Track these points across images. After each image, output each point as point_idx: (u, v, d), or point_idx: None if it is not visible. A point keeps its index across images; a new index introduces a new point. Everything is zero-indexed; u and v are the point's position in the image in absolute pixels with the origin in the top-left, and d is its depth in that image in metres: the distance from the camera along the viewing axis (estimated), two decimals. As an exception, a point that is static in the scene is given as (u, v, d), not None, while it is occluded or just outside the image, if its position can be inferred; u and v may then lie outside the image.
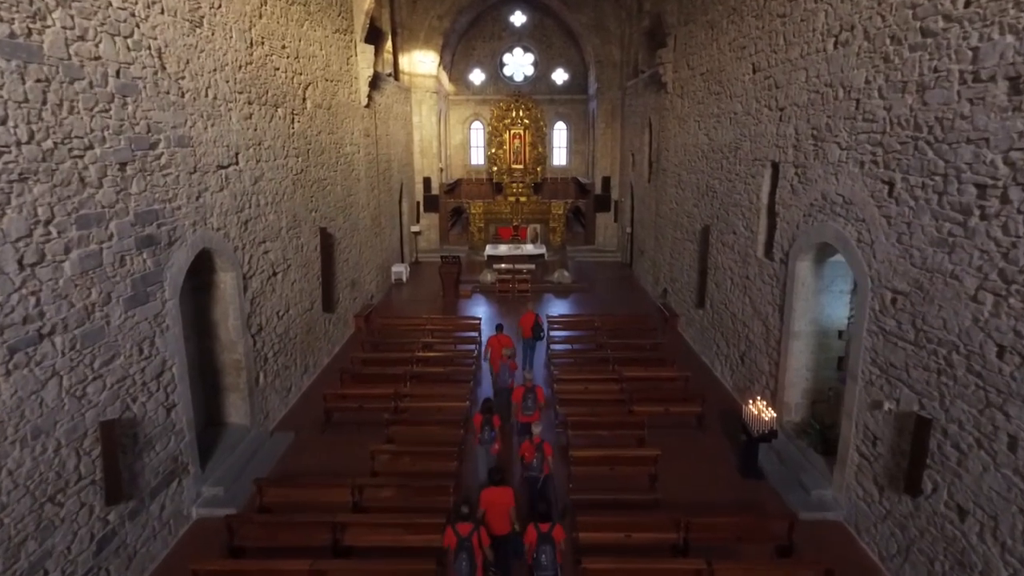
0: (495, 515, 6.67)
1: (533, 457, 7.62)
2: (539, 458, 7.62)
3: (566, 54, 29.78)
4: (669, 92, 16.59)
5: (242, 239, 9.53)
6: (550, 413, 10.46)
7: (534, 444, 7.65)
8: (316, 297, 12.96)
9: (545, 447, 7.69)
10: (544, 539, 5.98)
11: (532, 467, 7.64)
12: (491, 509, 6.67)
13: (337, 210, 14.59)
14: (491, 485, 6.81)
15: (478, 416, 8.48)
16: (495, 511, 6.67)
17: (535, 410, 9.08)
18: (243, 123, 9.60)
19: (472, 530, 6.01)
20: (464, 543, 5.93)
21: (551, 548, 5.98)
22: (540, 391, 9.33)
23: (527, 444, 7.72)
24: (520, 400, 9.19)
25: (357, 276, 16.34)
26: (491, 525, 6.64)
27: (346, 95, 15.37)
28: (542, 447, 7.66)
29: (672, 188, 16.53)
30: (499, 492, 6.74)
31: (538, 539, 5.99)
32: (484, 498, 6.70)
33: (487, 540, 6.14)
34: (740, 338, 11.49)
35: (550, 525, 6.06)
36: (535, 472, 7.65)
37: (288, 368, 11.41)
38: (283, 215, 11.20)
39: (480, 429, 8.36)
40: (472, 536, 5.97)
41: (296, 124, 11.91)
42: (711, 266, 13.15)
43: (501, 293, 19.07)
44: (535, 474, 7.66)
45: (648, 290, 19.52)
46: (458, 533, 5.99)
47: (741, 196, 11.45)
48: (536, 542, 5.99)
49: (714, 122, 12.97)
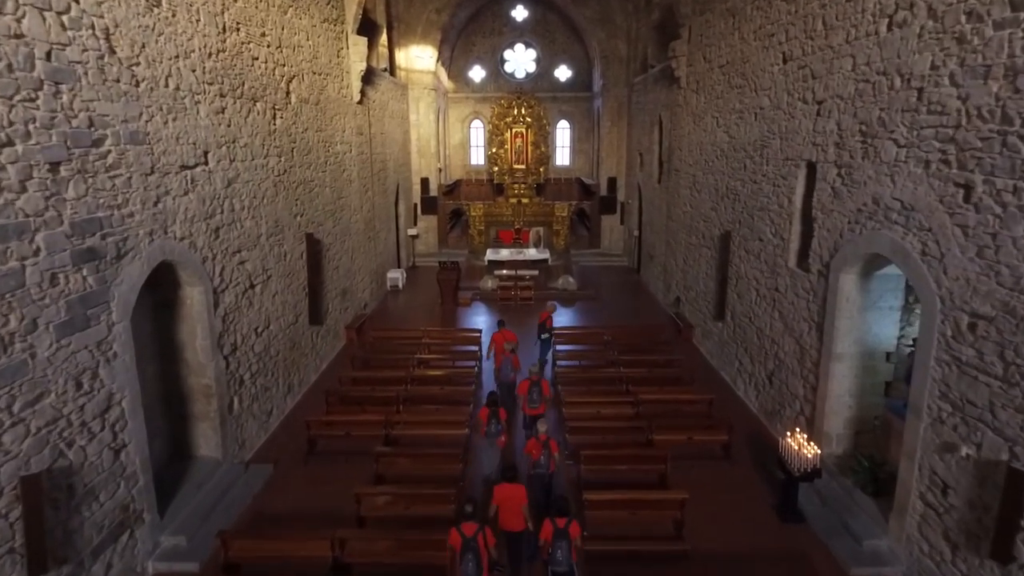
0: (508, 512, 6.57)
1: (540, 454, 7.57)
2: (546, 455, 7.57)
3: (569, 50, 28.69)
4: (682, 87, 15.50)
5: (212, 248, 8.44)
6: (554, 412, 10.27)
7: (540, 441, 7.60)
8: (302, 309, 11.88)
9: (551, 444, 7.62)
10: (560, 534, 5.95)
11: (539, 464, 7.60)
12: (504, 505, 6.57)
13: (326, 214, 13.50)
14: (503, 481, 6.68)
15: (484, 409, 8.47)
16: (508, 507, 6.56)
17: (541, 403, 9.15)
18: (213, 118, 8.52)
19: (477, 530, 5.87)
20: (470, 543, 5.80)
21: (567, 544, 5.95)
22: (545, 384, 9.32)
23: (533, 441, 7.69)
24: (526, 393, 9.20)
25: (349, 284, 15.26)
26: (504, 522, 6.58)
27: (336, 90, 14.29)
28: (548, 444, 7.59)
29: (686, 190, 15.45)
30: (512, 488, 6.61)
31: (554, 534, 5.95)
32: (497, 494, 6.61)
33: (492, 540, 5.99)
34: (768, 356, 10.40)
35: (566, 520, 6.01)
36: (542, 469, 7.61)
37: (268, 390, 10.32)
38: (262, 220, 10.12)
39: (486, 422, 8.36)
40: (478, 536, 5.84)
41: (278, 120, 10.83)
42: (732, 275, 12.07)
43: (503, 301, 17.98)
44: (542, 471, 7.62)
45: (659, 298, 18.43)
46: (463, 533, 5.85)
47: (769, 199, 10.37)
48: (552, 537, 5.96)
49: (736, 118, 11.89)
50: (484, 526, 5.96)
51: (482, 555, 5.84)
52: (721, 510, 8.03)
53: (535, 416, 8.89)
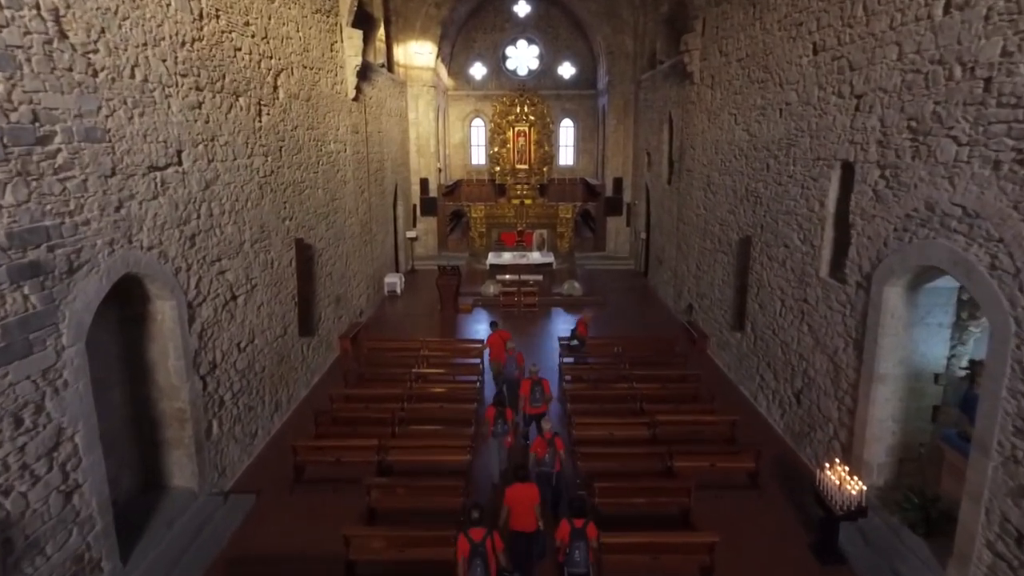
0: (520, 512, 6.49)
1: (545, 453, 7.51)
2: (551, 453, 7.54)
3: (573, 46, 27.88)
4: (695, 83, 14.68)
5: (187, 258, 7.62)
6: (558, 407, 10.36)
7: (546, 439, 7.53)
8: (291, 320, 11.06)
9: (557, 442, 7.57)
10: (578, 535, 5.89)
11: (544, 463, 7.54)
12: (516, 506, 6.49)
13: (318, 217, 12.68)
14: (516, 481, 6.58)
15: (491, 409, 8.46)
16: (520, 508, 6.48)
17: (543, 402, 9.13)
18: (188, 113, 7.70)
19: (486, 535, 5.74)
20: (478, 549, 5.68)
21: (584, 544, 5.89)
22: (547, 384, 9.29)
23: (539, 440, 7.60)
24: (528, 392, 9.12)
25: (343, 291, 14.43)
26: (515, 522, 6.51)
27: (329, 85, 13.46)
28: (554, 442, 7.54)
29: (699, 191, 14.62)
30: (524, 488, 6.53)
31: (571, 535, 5.89)
32: (509, 495, 6.53)
33: (501, 545, 5.87)
34: (795, 373, 9.58)
35: (584, 521, 5.95)
36: (547, 468, 7.56)
37: (253, 409, 9.50)
38: (246, 226, 9.30)
39: (493, 422, 8.35)
40: (486, 541, 5.72)
41: (264, 117, 10.01)
42: (753, 283, 11.24)
43: (505, 308, 17.16)
44: (547, 470, 7.56)
45: (669, 304, 17.61)
46: (471, 539, 5.73)
47: (796, 203, 9.55)
48: (570, 538, 5.89)
49: (757, 115, 11.06)
50: (492, 531, 5.83)
51: (490, 561, 5.72)
52: (752, 550, 7.21)
53: (536, 415, 8.97)
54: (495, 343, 10.97)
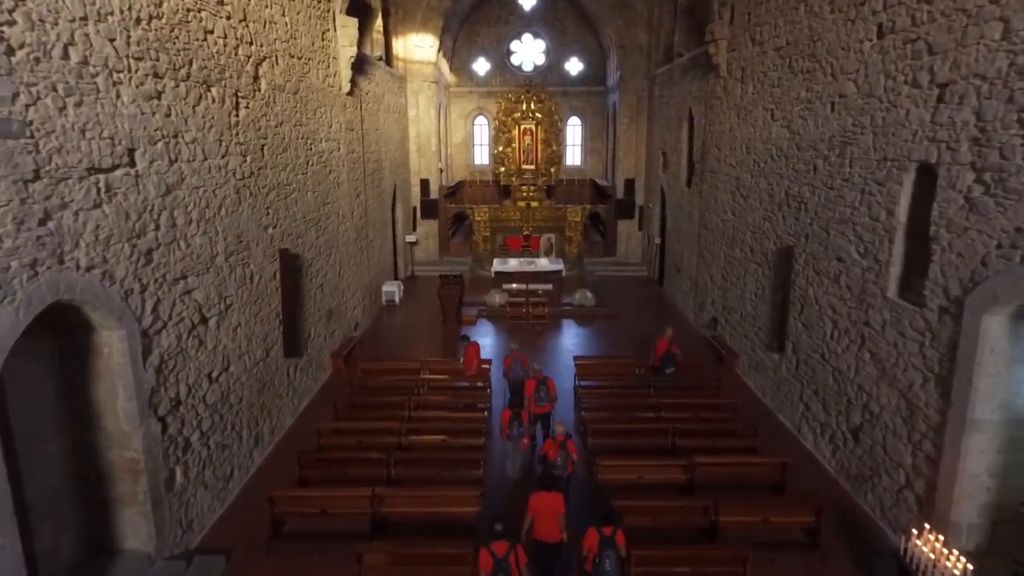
0: (544, 522, 6.30)
1: (558, 455, 7.43)
2: (563, 456, 7.46)
3: (582, 40, 26.61)
4: (722, 76, 13.41)
5: (141, 278, 6.36)
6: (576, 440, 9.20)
7: (557, 442, 7.50)
8: (274, 341, 9.80)
9: (569, 445, 7.54)
10: (607, 543, 5.70)
11: (556, 466, 7.44)
12: (540, 515, 6.31)
13: (307, 223, 11.42)
14: (540, 490, 6.41)
15: (506, 411, 8.43)
16: (544, 517, 6.30)
17: (548, 402, 9.09)
18: (144, 104, 6.44)
19: (509, 549, 5.55)
20: (501, 564, 5.50)
21: (614, 553, 5.70)
22: (551, 383, 9.26)
23: (550, 442, 7.57)
24: (533, 392, 9.06)
25: (336, 304, 13.17)
26: (539, 532, 6.33)
27: (320, 78, 12.20)
28: (566, 445, 7.50)
29: (726, 194, 13.35)
30: (549, 498, 6.34)
31: (600, 543, 5.70)
32: (533, 504, 6.34)
33: (525, 559, 5.65)
34: (852, 406, 8.31)
35: (612, 528, 5.77)
36: (559, 471, 7.43)
37: (227, 448, 8.23)
38: (220, 236, 8.04)
39: (508, 425, 8.28)
40: (509, 556, 5.53)
41: (243, 111, 8.75)
42: (796, 299, 9.98)
43: (512, 320, 15.89)
44: (559, 472, 7.42)
45: (689, 316, 16.33)
46: (493, 554, 5.54)
47: (854, 210, 8.28)
48: (599, 547, 5.69)
49: (801, 110, 9.80)
50: (516, 545, 5.61)
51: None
52: (822, 633, 5.95)
53: (541, 415, 9.09)
54: (471, 356, 10.91)
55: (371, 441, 8.81)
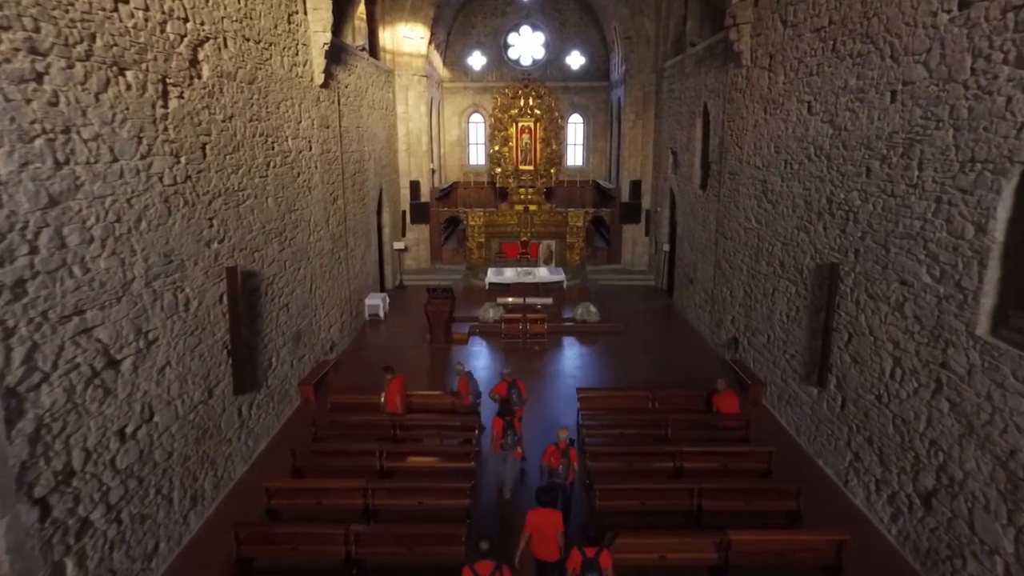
0: (542, 539, 5.93)
1: (559, 463, 7.09)
2: (565, 464, 7.12)
3: (583, 32, 25.03)
4: (744, 65, 11.82)
5: (2, 319, 4.77)
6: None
7: (560, 449, 7.14)
8: (220, 377, 8.21)
9: (571, 453, 7.21)
10: (589, 565, 5.28)
11: (557, 474, 7.10)
12: (538, 533, 5.94)
13: (268, 235, 9.83)
14: (538, 506, 6.02)
15: (497, 420, 7.96)
16: (542, 535, 5.92)
17: (520, 405, 8.77)
18: (13, 89, 4.85)
19: (494, 569, 5.21)
20: None
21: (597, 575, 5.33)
22: (522, 384, 9.00)
23: (552, 449, 7.19)
24: (506, 395, 8.66)
25: (305, 325, 11.58)
26: (537, 550, 5.98)
27: (286, 67, 10.62)
28: (568, 452, 7.16)
29: (749, 199, 11.76)
30: (547, 514, 5.98)
31: (583, 565, 5.28)
32: (530, 521, 5.96)
33: None
34: (922, 465, 6.73)
35: (597, 549, 5.36)
36: (560, 479, 7.09)
37: (149, 518, 6.64)
38: (137, 256, 6.46)
39: (501, 433, 7.84)
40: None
41: (173, 102, 7.16)
42: (843, 327, 8.39)
43: (507, 338, 14.29)
44: (560, 481, 7.08)
45: (704, 334, 14.73)
46: (477, 574, 5.19)
47: (926, 223, 6.69)
48: (581, 568, 5.28)
49: (849, 101, 8.21)
50: (501, 565, 5.30)
51: None
52: None
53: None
54: (393, 391, 9.51)
55: (332, 504, 7.23)
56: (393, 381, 9.60)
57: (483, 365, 13.13)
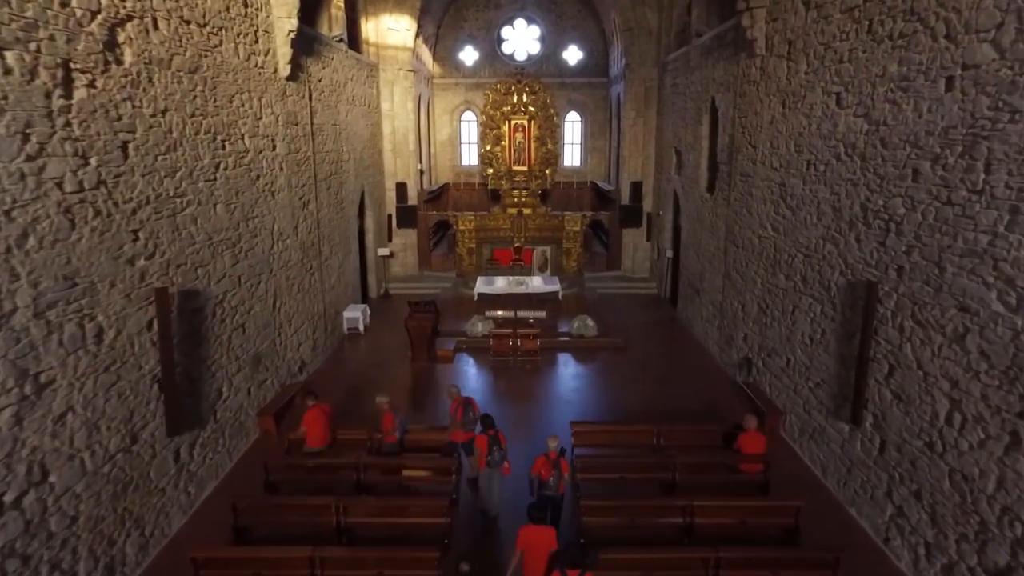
0: (534, 559, 5.65)
1: (550, 475, 6.78)
2: (556, 476, 6.80)
3: (581, 26, 23.80)
4: (759, 53, 10.58)
5: None
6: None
7: (550, 460, 6.81)
8: (148, 418, 6.96)
9: (562, 463, 6.86)
10: None
11: (547, 485, 6.81)
12: (530, 551, 5.67)
13: (216, 247, 8.58)
14: (530, 523, 5.80)
15: (482, 437, 7.33)
16: (535, 554, 5.65)
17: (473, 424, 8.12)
18: None
19: None
20: None
21: None
22: (474, 402, 8.46)
23: (542, 459, 6.85)
24: (461, 416, 8.17)
25: (266, 346, 10.32)
26: (528, 570, 5.70)
27: (242, 55, 9.37)
28: (559, 463, 6.83)
29: (765, 204, 10.52)
30: (540, 532, 5.75)
31: None
32: (522, 539, 5.71)
33: None
34: (991, 535, 5.48)
35: (579, 572, 5.13)
36: (550, 491, 6.83)
37: (40, 603, 5.39)
38: (22, 282, 5.21)
39: (488, 450, 7.22)
40: None
41: (81, 92, 5.92)
42: (882, 357, 7.14)
43: (496, 355, 13.02)
44: (550, 493, 6.84)
45: (712, 350, 13.47)
46: None
47: (996, 239, 5.45)
48: None
49: (890, 90, 6.96)
50: None
51: None
52: None
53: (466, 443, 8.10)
54: (313, 421, 8.28)
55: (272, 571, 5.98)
56: (314, 409, 8.32)
57: (472, 387, 11.86)
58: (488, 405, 11.24)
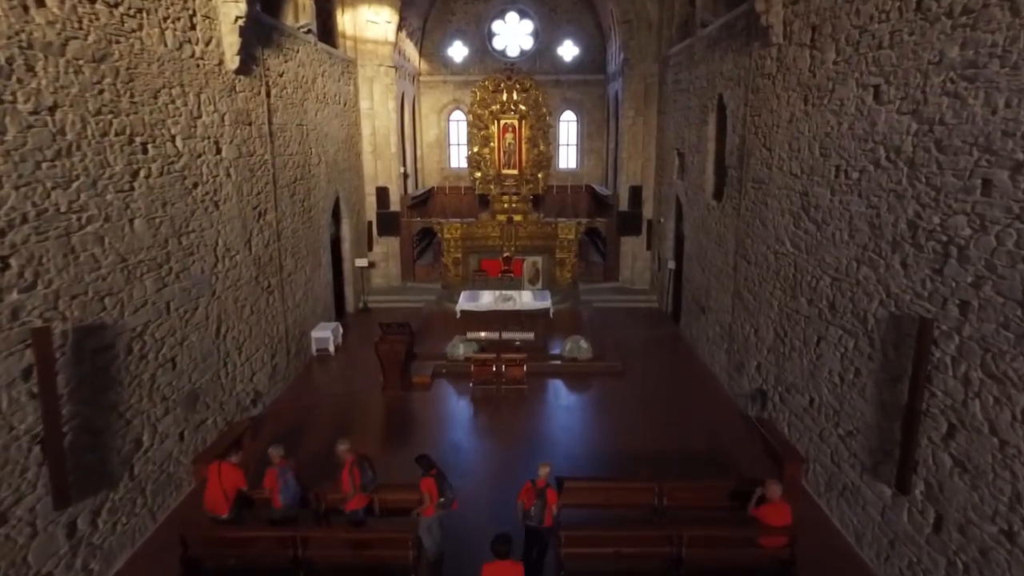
0: None
1: (532, 504, 6.22)
2: (539, 505, 6.20)
3: (577, 19, 22.43)
4: (775, 42, 9.20)
5: None
6: None
7: (536, 488, 6.25)
8: (27, 489, 5.59)
9: (549, 494, 6.25)
10: None
11: (530, 516, 6.26)
12: None
13: (132, 271, 7.19)
14: (495, 557, 5.29)
15: (427, 481, 6.42)
16: None
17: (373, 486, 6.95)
18: None
19: None
20: None
21: None
22: (369, 459, 6.97)
23: (528, 487, 6.30)
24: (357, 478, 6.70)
25: (206, 380, 8.93)
26: None
27: (172, 43, 7.98)
28: (545, 494, 6.23)
29: (783, 215, 9.13)
30: (505, 568, 5.27)
31: None
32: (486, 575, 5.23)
33: None
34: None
35: None
36: (533, 523, 6.28)
37: None
38: None
39: (439, 492, 6.40)
40: None
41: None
42: (941, 412, 5.75)
43: (478, 383, 11.60)
44: (534, 525, 6.29)
45: (720, 377, 12.06)
46: None
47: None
48: None
49: (946, 81, 5.58)
50: None
51: None
52: None
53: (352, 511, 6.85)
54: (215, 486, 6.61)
55: None
56: (219, 466, 6.64)
57: (447, 420, 10.47)
58: (465, 443, 9.93)
